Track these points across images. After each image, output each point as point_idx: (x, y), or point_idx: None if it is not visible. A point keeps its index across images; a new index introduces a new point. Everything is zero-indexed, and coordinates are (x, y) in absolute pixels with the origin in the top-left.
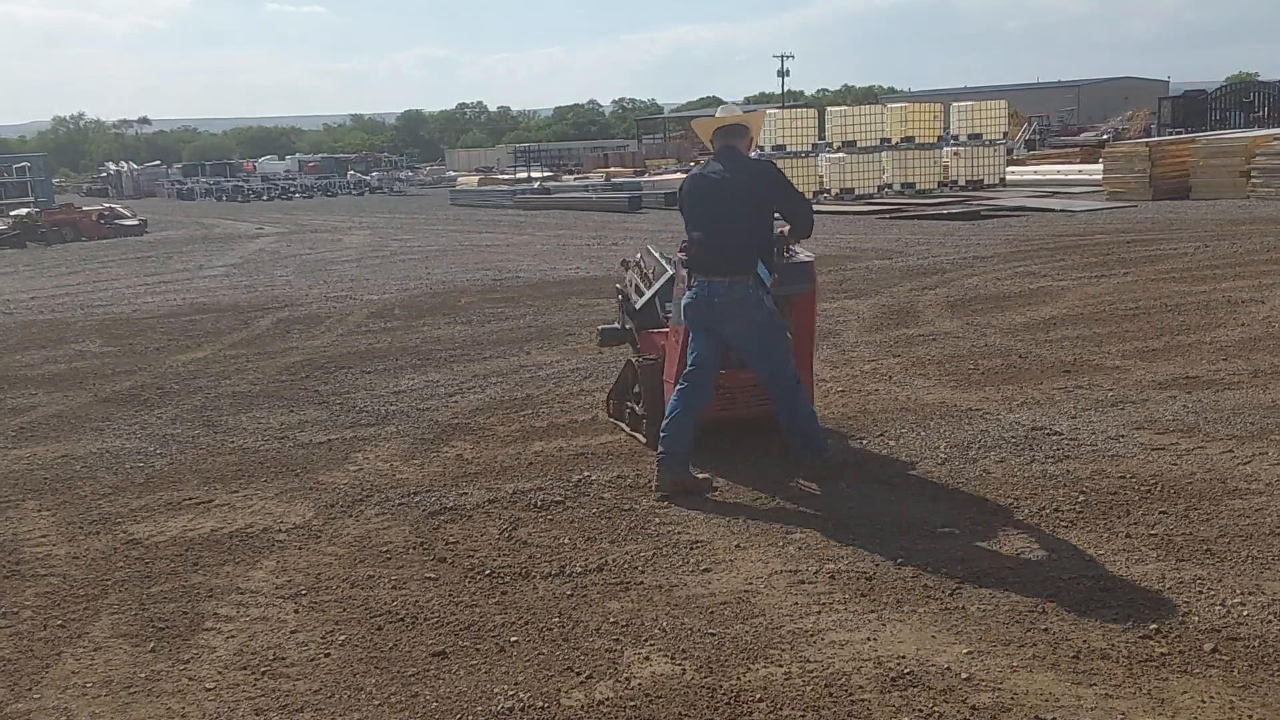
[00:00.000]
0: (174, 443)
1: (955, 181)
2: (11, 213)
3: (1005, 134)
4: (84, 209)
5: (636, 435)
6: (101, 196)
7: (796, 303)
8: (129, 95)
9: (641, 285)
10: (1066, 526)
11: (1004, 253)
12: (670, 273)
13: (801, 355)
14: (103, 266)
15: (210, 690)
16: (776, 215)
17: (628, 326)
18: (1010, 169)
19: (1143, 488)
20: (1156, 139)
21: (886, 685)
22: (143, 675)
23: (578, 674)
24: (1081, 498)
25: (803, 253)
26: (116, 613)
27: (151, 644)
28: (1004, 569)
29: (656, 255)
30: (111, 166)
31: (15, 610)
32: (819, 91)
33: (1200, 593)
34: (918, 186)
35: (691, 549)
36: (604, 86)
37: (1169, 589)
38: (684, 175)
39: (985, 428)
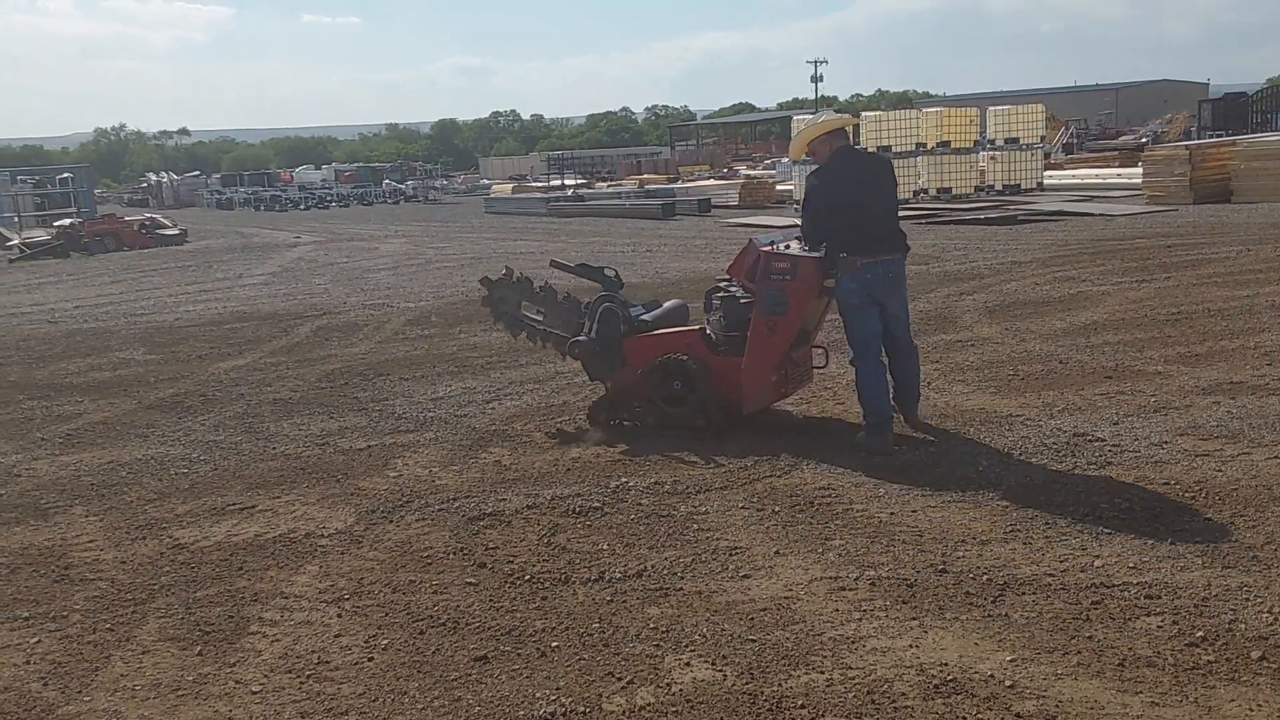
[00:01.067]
0: (217, 449)
1: (992, 186)
2: (55, 223)
3: (1043, 138)
4: (126, 219)
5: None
6: (142, 206)
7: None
8: (168, 106)
9: (532, 304)
10: (1110, 534)
11: (1043, 258)
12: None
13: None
14: (145, 275)
15: (256, 693)
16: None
17: (592, 335)
18: (1048, 173)
19: (1187, 494)
20: (1196, 142)
21: (929, 692)
22: (190, 678)
23: (619, 679)
24: (1125, 504)
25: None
26: (163, 616)
27: (198, 647)
28: (1046, 576)
29: (569, 265)
30: (152, 177)
31: (65, 614)
32: (853, 97)
33: (1247, 600)
34: (954, 191)
35: (730, 555)
36: (637, 93)
37: (1215, 596)
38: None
39: (1026, 434)
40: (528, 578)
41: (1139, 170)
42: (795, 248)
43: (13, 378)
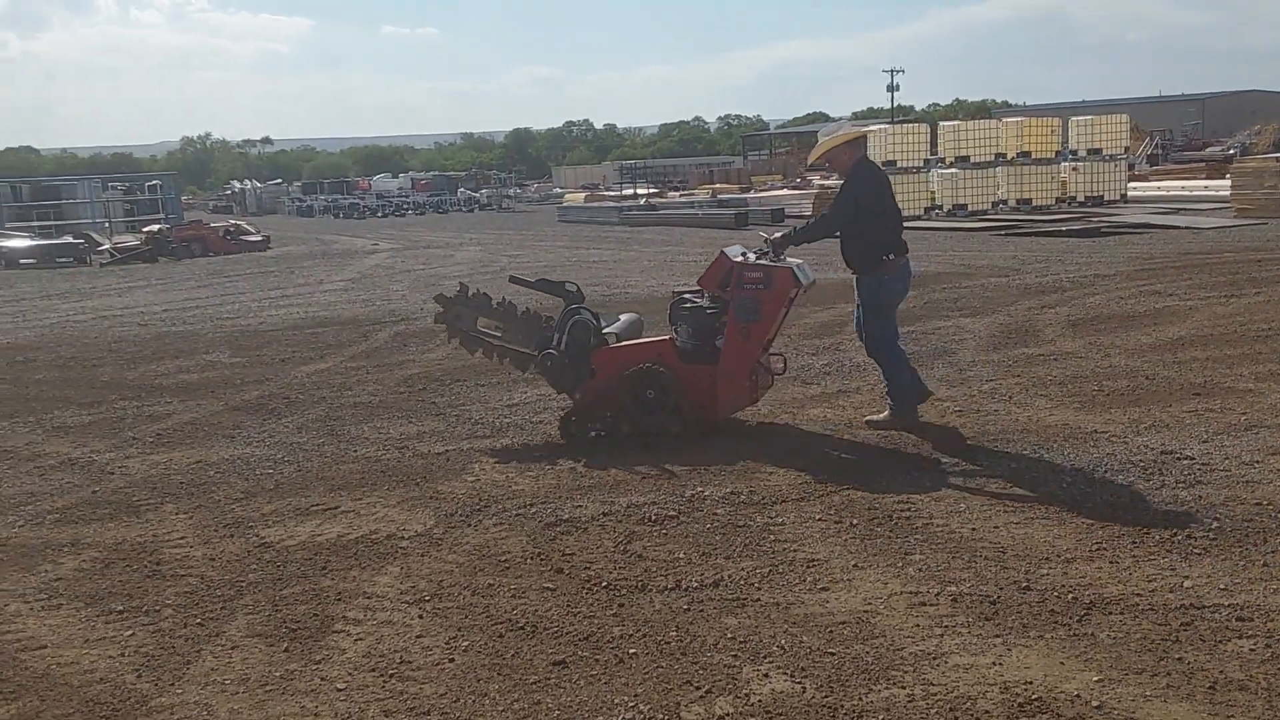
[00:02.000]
0: (301, 451)
1: (1074, 197)
2: (144, 229)
3: (1126, 149)
4: (211, 225)
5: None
6: (226, 213)
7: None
8: (252, 115)
9: (491, 320)
10: (1200, 554)
11: (1127, 271)
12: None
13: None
14: (229, 280)
15: (341, 690)
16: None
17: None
18: (1132, 185)
19: None
20: None
21: (1014, 711)
22: (277, 674)
23: (697, 688)
24: (1215, 524)
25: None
26: (251, 613)
27: (285, 644)
28: (1134, 596)
29: (529, 280)
30: (236, 184)
31: (157, 608)
32: (930, 106)
33: None
34: (1034, 202)
35: (808, 567)
36: (709, 103)
37: None
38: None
39: (1111, 450)
40: (605, 584)
41: (1226, 182)
42: (753, 259)
43: (105, 378)
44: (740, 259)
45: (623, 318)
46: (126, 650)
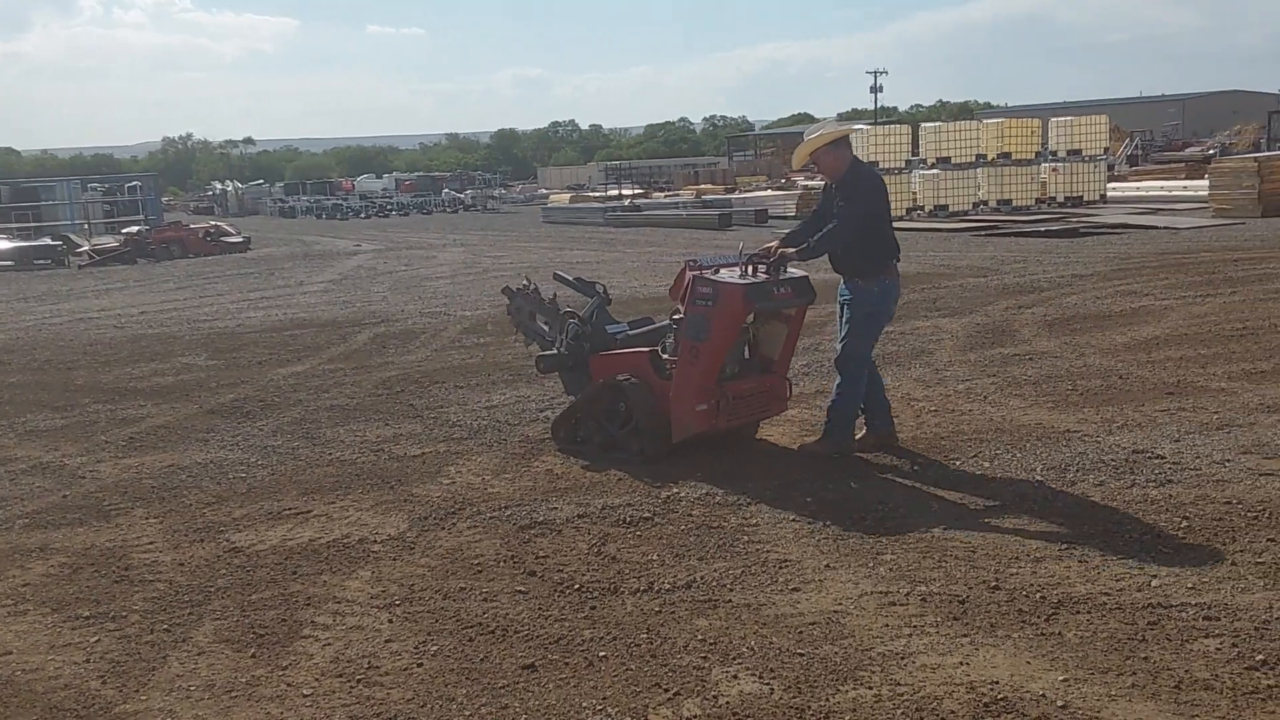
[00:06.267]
0: (275, 454)
1: (1054, 198)
2: (123, 230)
3: (1106, 149)
4: (191, 226)
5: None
6: (207, 214)
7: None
8: (235, 116)
9: (540, 315)
10: (1169, 553)
11: (1104, 271)
12: (597, 299)
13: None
14: (208, 282)
15: (308, 696)
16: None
17: (562, 351)
18: (1111, 185)
19: (1249, 514)
20: (1266, 154)
21: (979, 711)
22: (243, 680)
23: (665, 690)
24: (1185, 523)
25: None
26: (219, 619)
27: (252, 650)
28: (1102, 595)
29: (568, 278)
30: (217, 185)
31: (124, 614)
32: (913, 107)
33: None
34: (1014, 203)
35: (780, 568)
36: (695, 104)
37: (1276, 619)
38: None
39: (1084, 450)
40: (577, 587)
41: (1205, 183)
42: (725, 274)
43: (80, 381)
44: (696, 272)
45: (658, 324)
46: (92, 656)
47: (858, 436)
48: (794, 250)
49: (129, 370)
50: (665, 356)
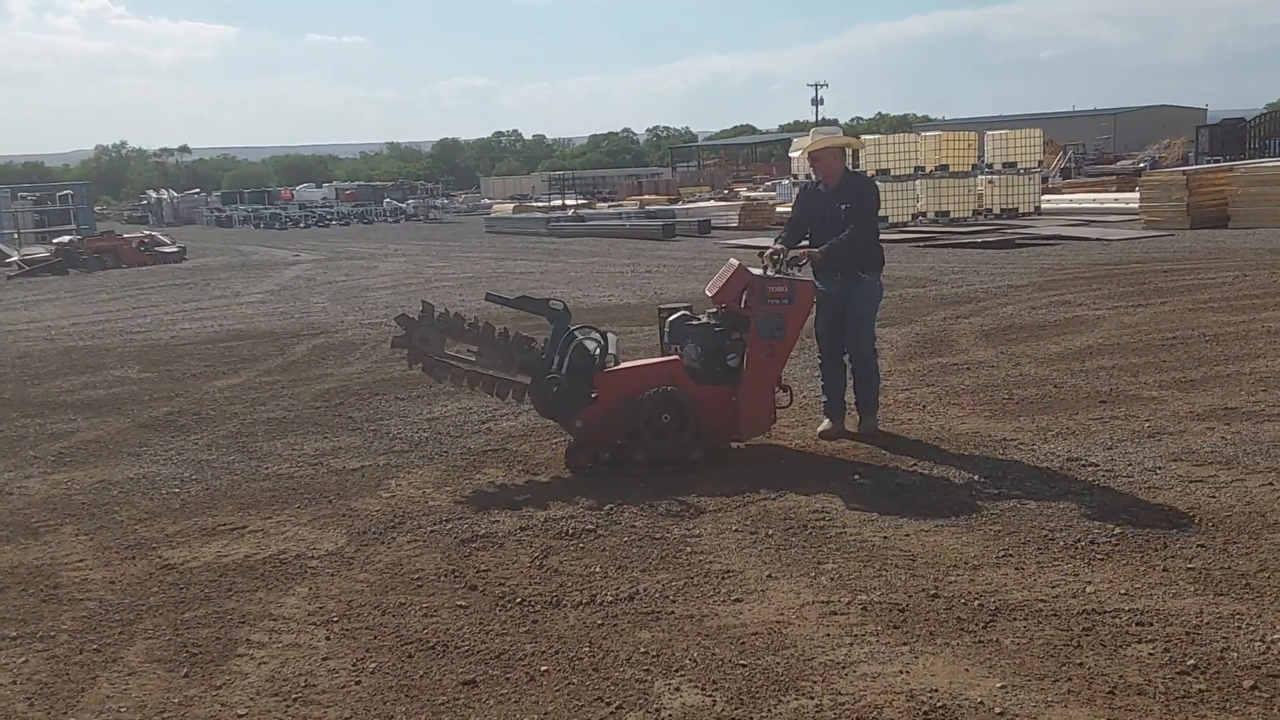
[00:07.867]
0: (209, 469)
1: (990, 210)
2: (54, 240)
3: (1040, 162)
4: (124, 236)
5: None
6: (142, 224)
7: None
8: (172, 124)
9: (465, 345)
10: (1102, 559)
11: (1039, 281)
12: (603, 336)
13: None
14: (142, 293)
15: (242, 716)
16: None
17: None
18: (1045, 197)
19: (1180, 521)
20: (1194, 167)
21: (919, 719)
22: (176, 700)
23: (608, 704)
24: (1117, 530)
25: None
26: (151, 638)
27: (185, 669)
28: (1038, 602)
29: (507, 298)
30: (152, 194)
31: (52, 634)
32: (853, 119)
33: (1239, 628)
34: (952, 215)
35: (723, 579)
36: (639, 115)
37: (1207, 624)
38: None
39: (1020, 458)
40: (518, 600)
41: (1136, 195)
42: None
43: (7, 395)
44: (758, 271)
45: (612, 336)
46: (19, 678)
47: (819, 429)
48: (819, 251)
49: (59, 383)
50: (688, 363)
